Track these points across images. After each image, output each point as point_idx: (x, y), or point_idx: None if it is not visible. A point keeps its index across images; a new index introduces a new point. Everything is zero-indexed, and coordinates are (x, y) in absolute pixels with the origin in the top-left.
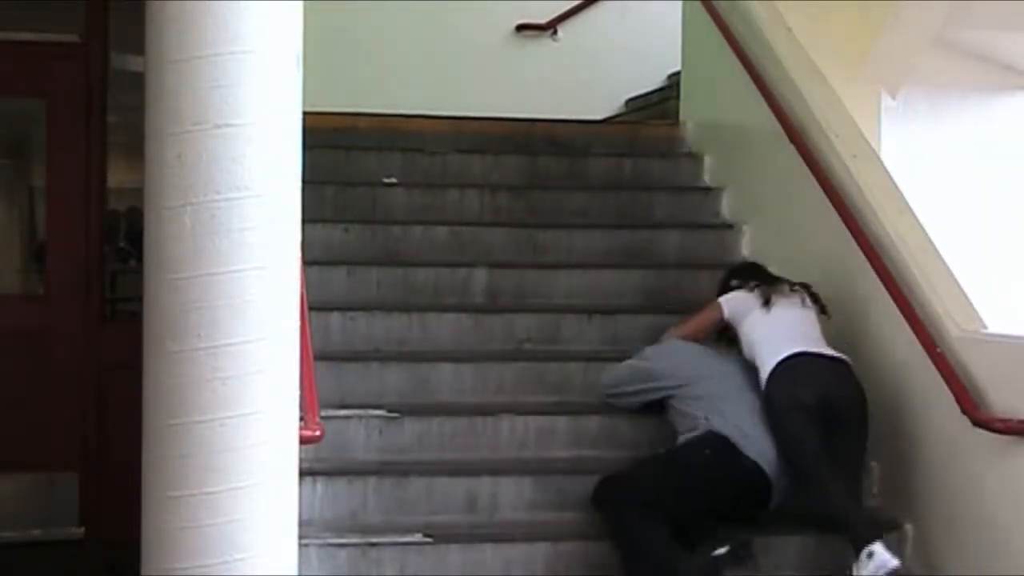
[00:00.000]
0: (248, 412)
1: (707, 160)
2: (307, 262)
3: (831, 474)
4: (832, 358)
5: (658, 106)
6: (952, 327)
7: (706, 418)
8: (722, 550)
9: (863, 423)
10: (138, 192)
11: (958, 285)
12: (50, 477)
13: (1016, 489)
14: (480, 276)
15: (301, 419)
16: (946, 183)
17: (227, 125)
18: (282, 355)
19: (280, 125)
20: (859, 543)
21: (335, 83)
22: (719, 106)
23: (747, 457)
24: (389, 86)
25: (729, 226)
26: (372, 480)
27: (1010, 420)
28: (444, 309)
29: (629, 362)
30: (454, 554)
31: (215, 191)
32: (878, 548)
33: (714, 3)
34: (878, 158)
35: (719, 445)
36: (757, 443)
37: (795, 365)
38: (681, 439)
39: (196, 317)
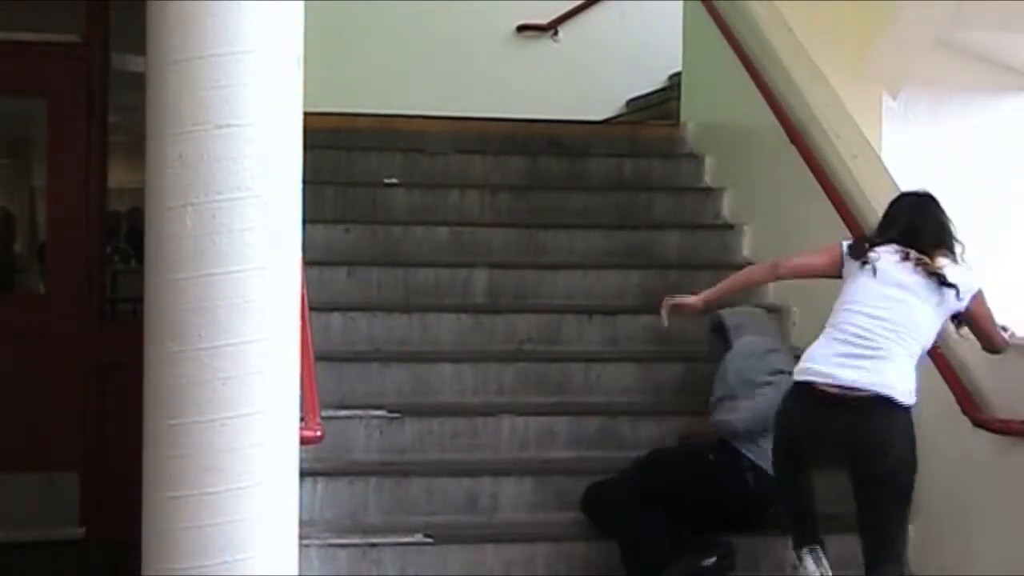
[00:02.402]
0: (248, 412)
1: (708, 161)
2: (308, 262)
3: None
4: (850, 401)
5: (659, 107)
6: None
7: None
8: (710, 560)
9: (882, 477)
10: (139, 192)
11: None
12: (50, 477)
13: (1016, 489)
14: (480, 276)
15: (301, 419)
16: (947, 183)
17: (228, 125)
18: (282, 355)
19: (281, 125)
20: None
21: (335, 83)
22: (720, 107)
23: (746, 458)
24: (390, 86)
25: (730, 227)
26: (372, 480)
27: (1010, 421)
28: (444, 309)
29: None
30: (455, 554)
31: (216, 191)
32: None
33: (715, 3)
34: (879, 158)
35: (722, 448)
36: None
37: (800, 401)
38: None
39: (196, 317)
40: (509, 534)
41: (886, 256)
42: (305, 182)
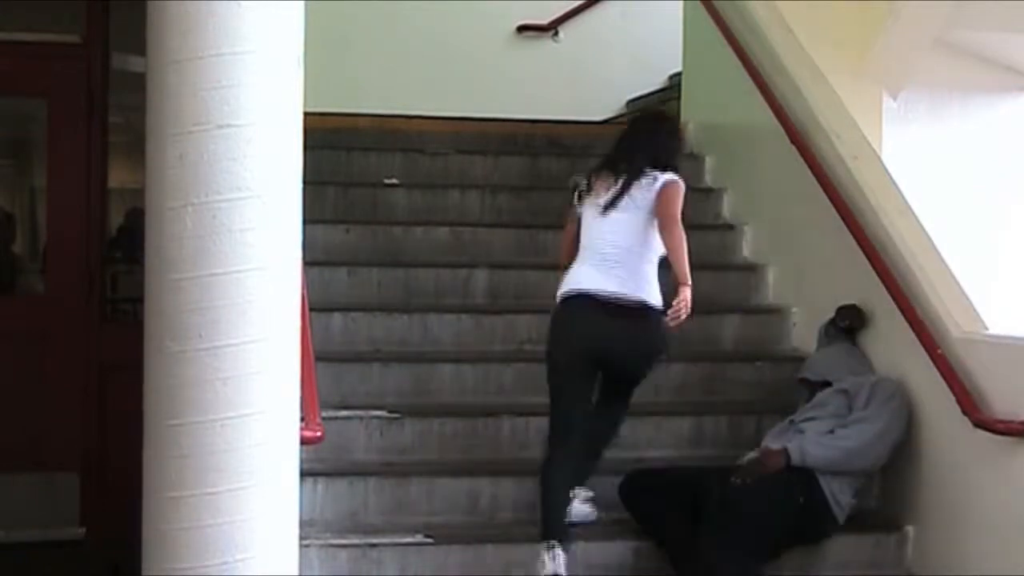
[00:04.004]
0: (249, 412)
1: (708, 161)
2: (308, 263)
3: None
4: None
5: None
6: (953, 328)
7: None
8: None
9: (624, 379)
10: (139, 192)
11: (959, 286)
12: (51, 477)
13: (1017, 490)
14: (481, 277)
15: (302, 419)
16: (947, 184)
17: (228, 126)
18: (283, 356)
19: (281, 125)
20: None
21: (336, 83)
22: (720, 107)
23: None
24: (390, 86)
25: (730, 227)
26: (373, 481)
27: (1010, 421)
28: (445, 310)
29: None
30: (455, 555)
31: (216, 192)
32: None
33: (715, 3)
34: (879, 159)
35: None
36: None
37: (565, 310)
38: None
39: (197, 317)
40: (509, 534)
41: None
42: (305, 182)
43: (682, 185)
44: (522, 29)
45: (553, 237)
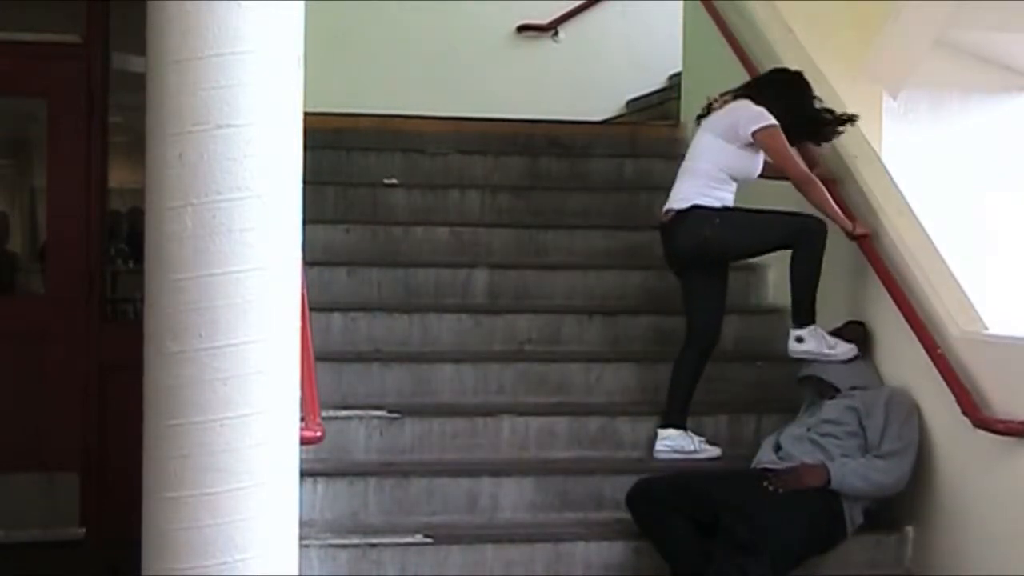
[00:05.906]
0: (248, 412)
1: None
2: (308, 262)
3: None
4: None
5: (659, 107)
6: (953, 328)
7: None
8: None
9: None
10: (139, 192)
11: (959, 286)
12: (50, 477)
13: (1017, 490)
14: (481, 277)
15: (301, 419)
16: (947, 183)
17: (228, 126)
18: (283, 355)
19: (281, 125)
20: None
21: (336, 83)
22: None
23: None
24: (390, 86)
25: None
26: (373, 481)
27: (1011, 421)
28: (445, 310)
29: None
30: (455, 555)
31: (216, 191)
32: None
33: (714, 3)
34: (879, 158)
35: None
36: None
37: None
38: None
39: (196, 317)
40: (509, 534)
41: None
42: (305, 182)
43: (767, 123)
44: (522, 29)
45: (553, 237)
